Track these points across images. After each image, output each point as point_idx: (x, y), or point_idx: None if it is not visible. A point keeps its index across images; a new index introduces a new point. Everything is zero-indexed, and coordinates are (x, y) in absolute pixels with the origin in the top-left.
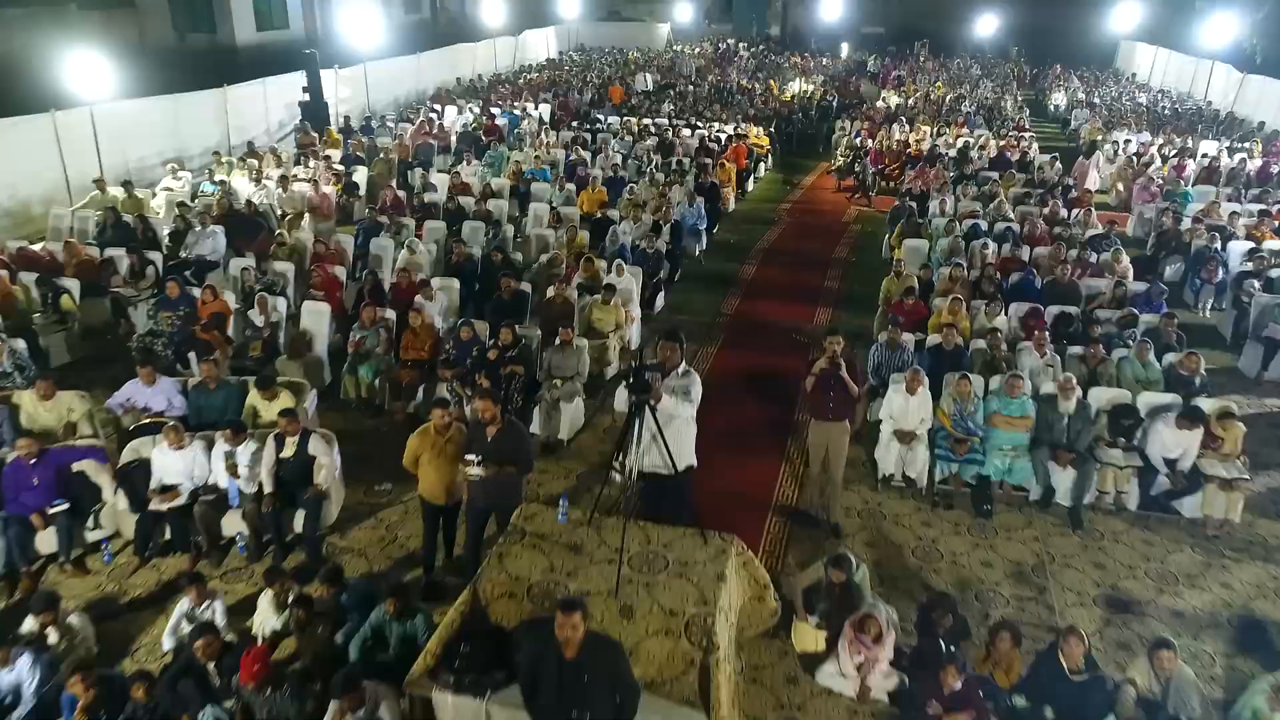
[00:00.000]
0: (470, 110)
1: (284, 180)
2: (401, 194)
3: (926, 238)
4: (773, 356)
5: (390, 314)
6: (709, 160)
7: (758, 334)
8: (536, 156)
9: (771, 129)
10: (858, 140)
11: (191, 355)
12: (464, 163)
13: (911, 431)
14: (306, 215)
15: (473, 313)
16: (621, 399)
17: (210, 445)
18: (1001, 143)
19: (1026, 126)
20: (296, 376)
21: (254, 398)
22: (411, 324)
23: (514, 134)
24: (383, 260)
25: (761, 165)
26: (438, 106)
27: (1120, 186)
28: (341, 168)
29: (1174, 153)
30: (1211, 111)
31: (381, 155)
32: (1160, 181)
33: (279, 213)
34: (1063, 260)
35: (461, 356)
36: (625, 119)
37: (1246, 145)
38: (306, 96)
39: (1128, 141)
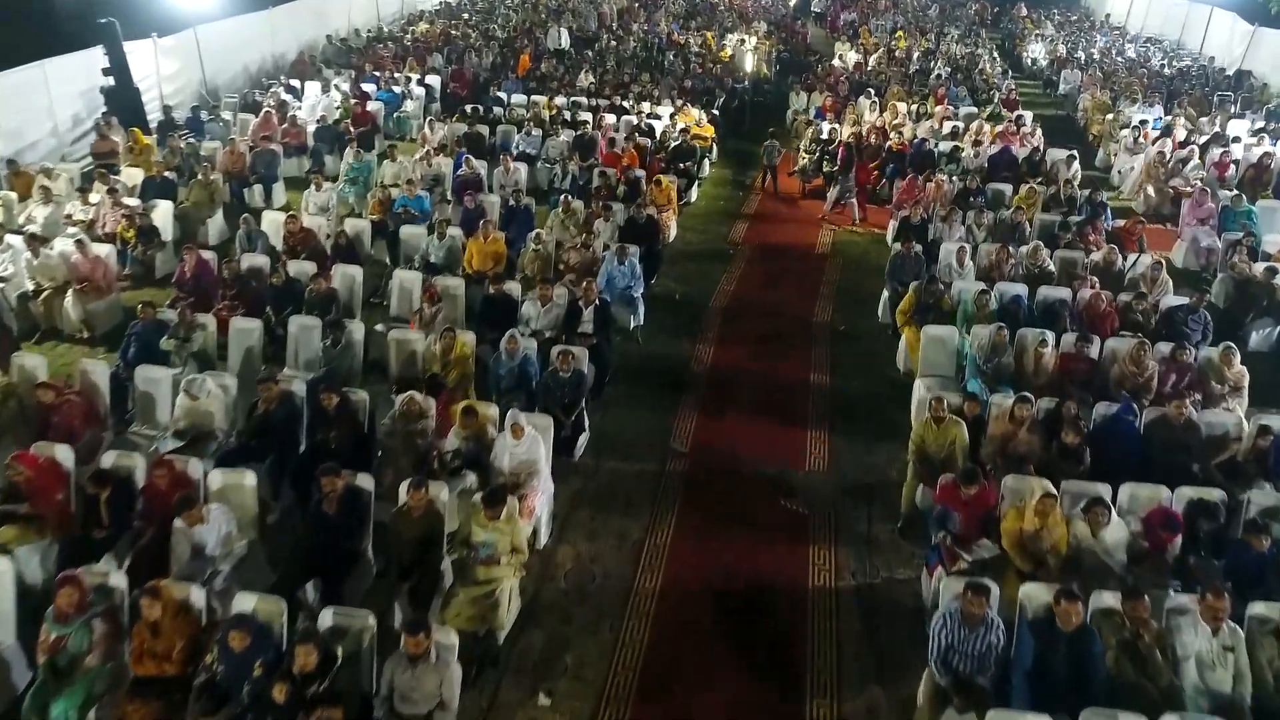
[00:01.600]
0: (337, 88)
1: (34, 241)
2: (212, 255)
3: (947, 310)
4: (760, 550)
5: (119, 580)
6: (641, 175)
7: (732, 495)
8: (409, 182)
9: (716, 108)
10: (822, 123)
11: None
12: (314, 189)
13: None
14: (70, 294)
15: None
16: None
17: None
18: (999, 128)
19: (1017, 101)
20: None
21: None
22: (148, 615)
23: (393, 120)
24: (153, 405)
25: (705, 162)
26: (296, 82)
27: (1151, 191)
28: (136, 202)
29: (1203, 138)
30: (1218, 71)
31: (200, 174)
32: (1211, 191)
33: (29, 288)
34: (1177, 392)
35: (231, 682)
36: (533, 100)
37: (1277, 126)
38: (110, 81)
39: (1143, 123)
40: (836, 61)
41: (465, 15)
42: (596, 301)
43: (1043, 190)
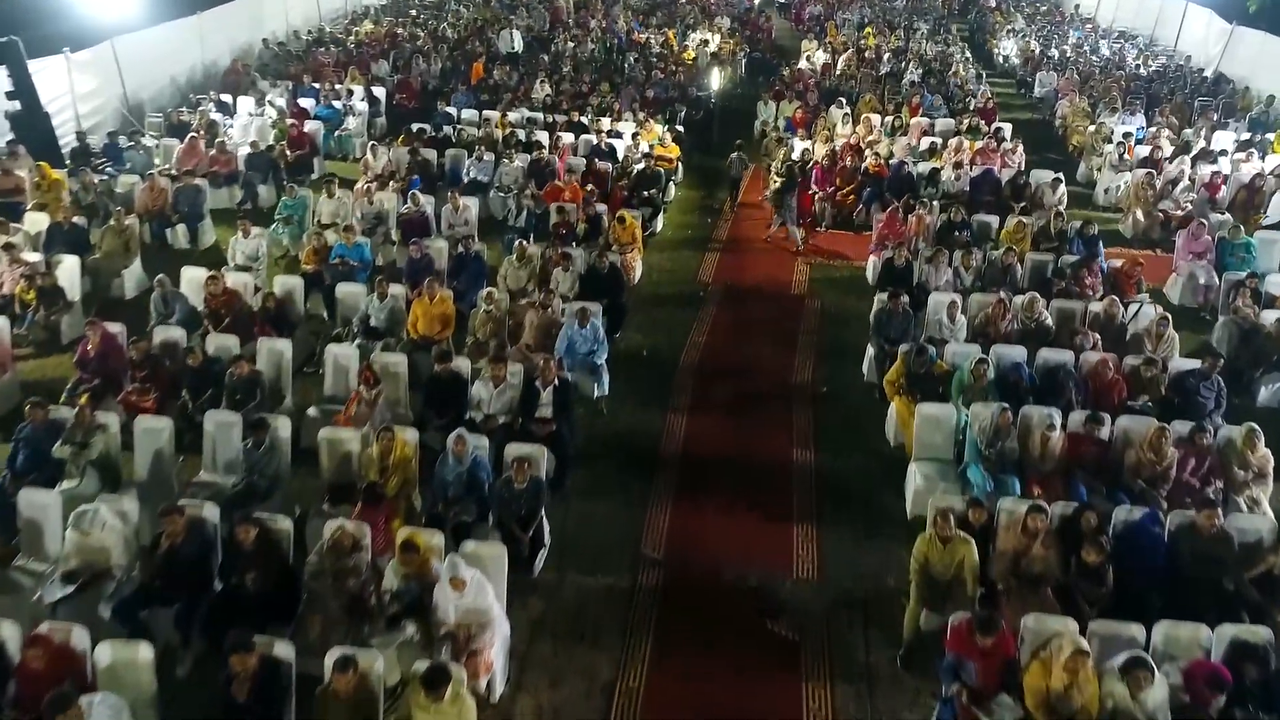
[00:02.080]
0: (271, 104)
1: None
2: (120, 328)
3: (939, 377)
4: (748, 690)
5: None
6: (603, 211)
7: (714, 615)
8: (348, 228)
9: (680, 120)
10: (793, 140)
11: None
12: (241, 236)
13: None
14: None
15: None
16: None
17: None
18: (979, 144)
19: (995, 109)
20: None
21: None
22: None
23: (334, 139)
24: (40, 534)
25: (671, 185)
26: (228, 97)
27: (1140, 215)
28: (37, 257)
29: (1190, 154)
30: (1195, 73)
31: (114, 219)
32: (1206, 222)
33: None
34: (1199, 483)
35: None
36: (485, 117)
37: (1262, 138)
38: (15, 105)
39: (1127, 136)
40: (804, 63)
41: (413, 12)
42: (556, 381)
43: (1031, 221)
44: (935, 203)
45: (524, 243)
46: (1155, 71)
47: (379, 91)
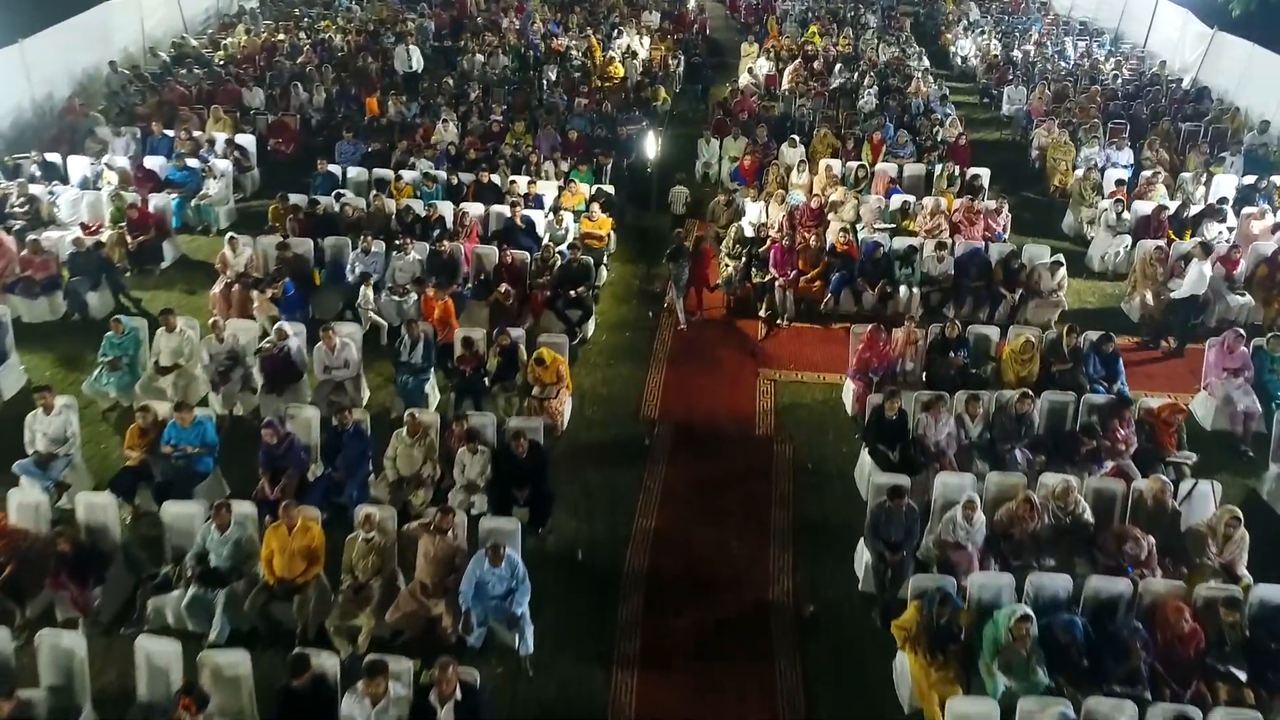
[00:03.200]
0: (111, 167)
1: None
2: None
3: (965, 628)
4: None
5: None
6: (519, 344)
7: None
8: (181, 406)
9: (608, 172)
10: (742, 202)
11: None
12: (42, 412)
13: None
14: None
15: None
16: None
17: None
18: (957, 204)
19: (967, 147)
20: None
21: None
22: None
23: (190, 209)
24: None
25: (602, 268)
26: (54, 156)
27: (1149, 297)
28: None
29: (1195, 207)
30: (1173, 85)
31: None
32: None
33: None
34: None
35: None
36: (377, 179)
37: (1269, 183)
38: None
39: (1121, 185)
40: (745, 77)
41: (297, 12)
42: (458, 696)
43: (1039, 340)
44: (915, 291)
45: (415, 414)
46: (1132, 84)
47: (248, 141)
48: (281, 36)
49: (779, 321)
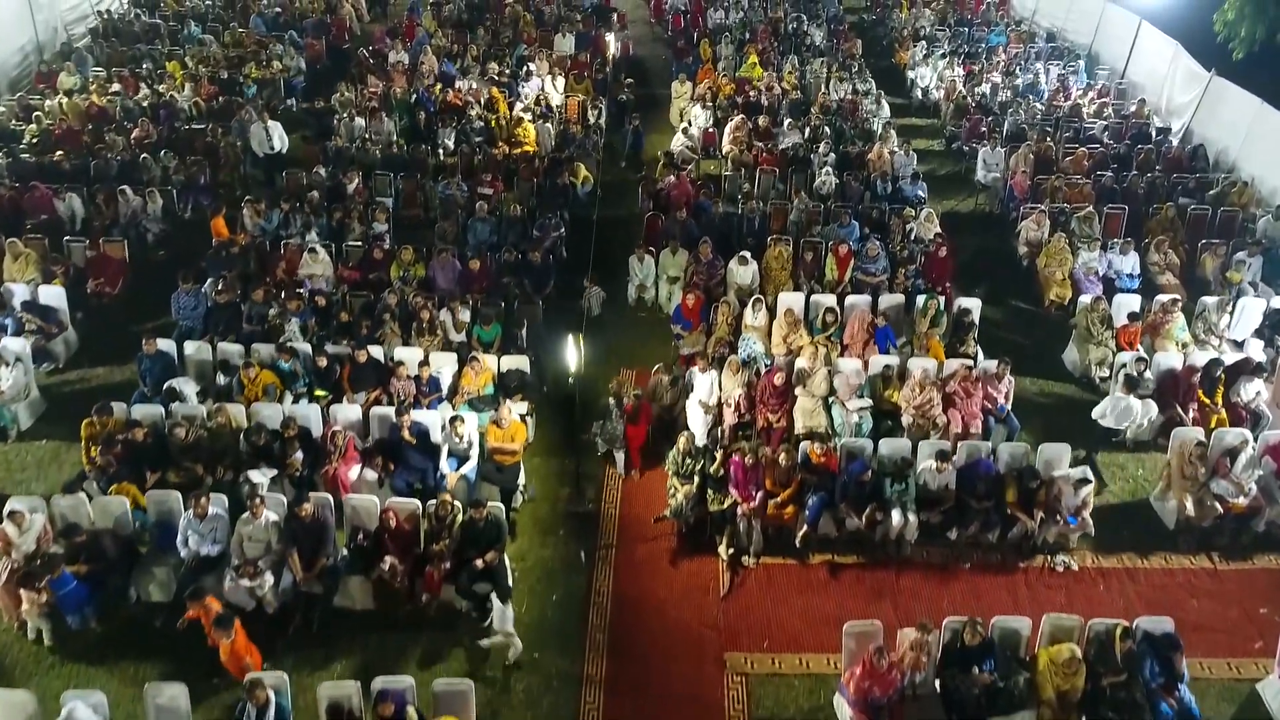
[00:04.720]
0: None
1: None
2: None
3: None
4: None
5: None
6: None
7: None
8: None
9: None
10: (689, 375)
11: None
12: None
13: None
14: None
15: None
16: None
17: None
18: (950, 380)
19: (947, 256)
20: None
21: None
22: None
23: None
24: None
25: (517, 494)
26: None
27: (1189, 505)
28: None
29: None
30: (1161, 140)
31: None
32: None
33: None
34: None
35: None
36: (223, 364)
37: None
38: None
39: (1134, 319)
40: (679, 139)
41: (137, 52)
42: None
43: (1077, 652)
44: (912, 518)
45: None
46: (1118, 134)
47: (55, 296)
48: (116, 88)
49: (744, 560)
